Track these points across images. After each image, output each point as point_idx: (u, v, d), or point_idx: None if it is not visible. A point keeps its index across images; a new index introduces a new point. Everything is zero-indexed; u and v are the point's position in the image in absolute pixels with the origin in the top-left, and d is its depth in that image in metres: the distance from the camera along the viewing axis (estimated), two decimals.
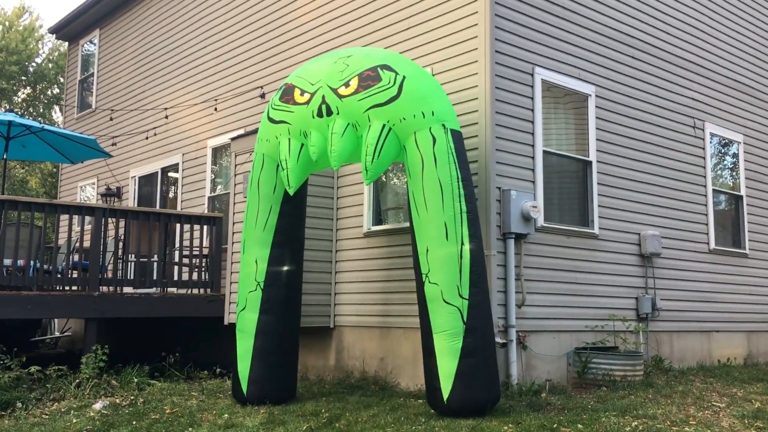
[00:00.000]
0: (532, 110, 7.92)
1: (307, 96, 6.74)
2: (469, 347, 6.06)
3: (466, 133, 7.32)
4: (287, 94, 6.92)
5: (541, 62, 8.11)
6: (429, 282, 6.24)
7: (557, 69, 8.29)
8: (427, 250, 6.27)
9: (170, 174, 13.07)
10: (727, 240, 10.58)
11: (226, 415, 6.55)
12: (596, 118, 8.67)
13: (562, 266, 8.05)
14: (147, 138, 13.30)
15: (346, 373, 8.54)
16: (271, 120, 7.04)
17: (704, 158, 10.24)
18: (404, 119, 6.39)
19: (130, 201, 13.87)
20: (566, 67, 8.41)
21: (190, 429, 6.14)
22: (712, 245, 10.15)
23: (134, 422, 6.40)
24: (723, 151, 10.91)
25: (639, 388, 7.49)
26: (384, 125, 6.41)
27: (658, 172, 9.47)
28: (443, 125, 6.45)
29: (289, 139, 6.87)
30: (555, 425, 5.69)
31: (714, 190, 10.36)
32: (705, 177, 10.22)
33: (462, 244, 6.18)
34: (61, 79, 31.02)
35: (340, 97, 6.54)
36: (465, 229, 6.23)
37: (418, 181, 6.36)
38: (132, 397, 7.44)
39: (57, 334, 14.49)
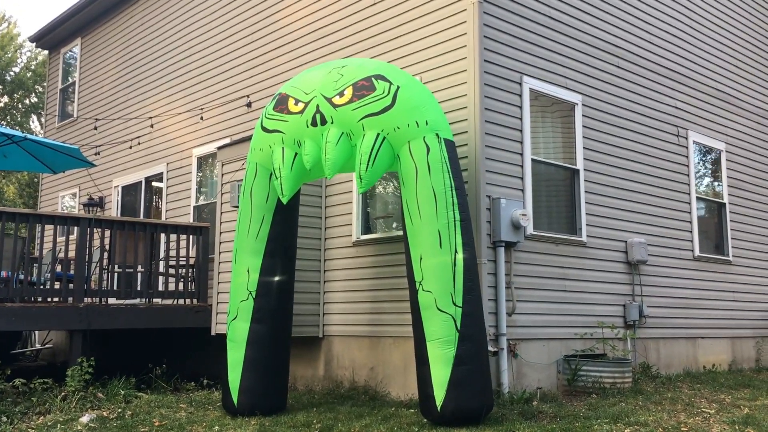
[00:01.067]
0: (521, 119, 7.97)
1: (301, 105, 6.76)
2: (462, 355, 6.07)
3: (456, 143, 7.34)
4: (281, 104, 6.93)
5: (529, 71, 8.17)
6: (423, 290, 6.24)
7: (545, 78, 8.35)
8: (421, 258, 6.28)
9: (154, 183, 12.97)
10: (710, 247, 10.70)
11: (217, 427, 6.48)
12: (583, 126, 8.74)
13: (551, 274, 8.09)
14: (131, 147, 13.19)
15: (336, 383, 8.49)
16: (264, 129, 7.04)
17: (688, 166, 10.36)
18: (398, 128, 6.42)
19: (113, 211, 13.73)
20: (553, 76, 8.47)
21: None
22: (697, 252, 10.26)
23: None
24: (706, 159, 11.05)
25: (629, 395, 7.53)
26: (378, 134, 6.43)
27: (643, 180, 9.56)
28: (437, 134, 6.49)
29: (283, 148, 6.87)
30: None
31: (698, 197, 10.49)
32: (689, 185, 10.34)
33: (456, 252, 6.20)
34: (39, 88, 30.70)
35: (335, 106, 6.56)
36: (459, 237, 6.25)
37: (412, 189, 6.38)
38: (119, 410, 7.34)
39: (38, 346, 14.27)
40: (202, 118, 11.37)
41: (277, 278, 7.18)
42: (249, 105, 10.55)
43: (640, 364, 8.93)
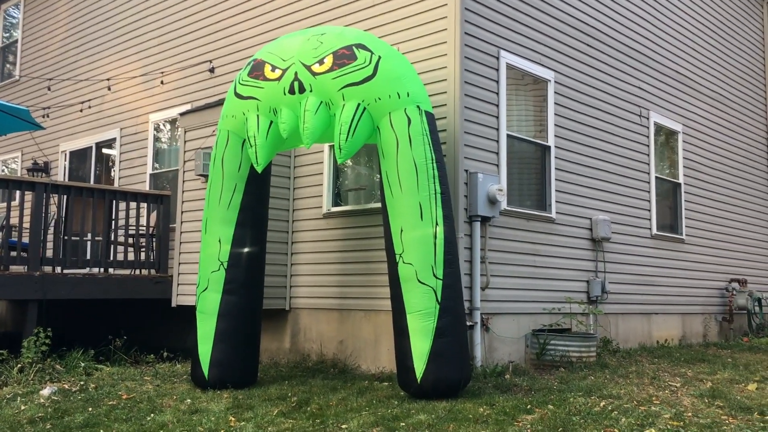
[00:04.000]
0: (497, 93, 7.94)
1: (278, 72, 6.57)
2: (443, 327, 6.08)
3: (434, 115, 7.28)
4: (257, 70, 6.72)
5: (506, 46, 8.13)
6: (403, 262, 6.20)
7: (520, 53, 8.33)
8: (402, 231, 6.24)
9: (105, 149, 12.48)
10: (666, 226, 10.98)
11: (189, 400, 6.32)
12: (555, 103, 8.78)
13: (522, 249, 8.14)
14: (81, 111, 12.62)
15: (303, 356, 8.40)
16: (238, 96, 6.83)
17: (649, 146, 10.57)
18: (379, 99, 6.34)
19: (59, 177, 13.16)
20: (529, 52, 8.46)
21: (152, 415, 5.88)
22: (654, 231, 10.50)
23: (90, 409, 6.09)
24: (665, 139, 11.29)
25: (595, 369, 7.69)
26: (359, 104, 6.35)
27: (607, 159, 9.71)
28: (418, 107, 6.45)
29: (258, 115, 6.69)
30: (529, 406, 5.76)
31: (657, 177, 10.71)
32: (649, 164, 10.55)
33: (436, 224, 6.19)
34: None
35: (314, 74, 6.41)
36: (439, 209, 6.24)
37: (393, 161, 6.32)
38: (81, 383, 7.09)
39: None
40: (162, 82, 10.94)
41: (249, 248, 7.02)
42: (212, 71, 10.21)
43: (601, 339, 9.12)
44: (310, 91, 6.46)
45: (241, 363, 6.94)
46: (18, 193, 8.25)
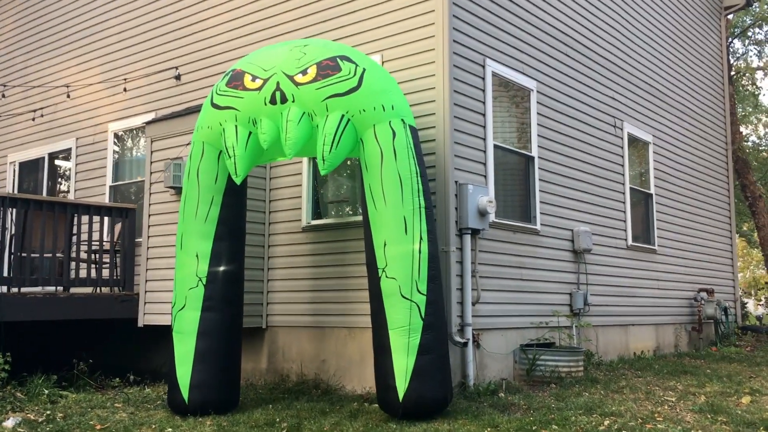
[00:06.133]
0: (484, 103, 7.74)
1: (259, 82, 6.31)
2: (426, 344, 5.90)
3: (422, 125, 7.08)
4: (236, 80, 6.45)
5: (492, 54, 7.95)
6: (386, 277, 6.00)
7: (505, 62, 8.17)
8: (385, 244, 6.05)
9: (59, 161, 11.84)
10: (639, 236, 10.96)
11: (169, 429, 5.89)
12: (537, 113, 8.64)
13: (509, 262, 7.95)
14: (33, 119, 11.94)
15: (281, 377, 8.00)
16: (215, 106, 6.53)
17: (623, 157, 10.54)
18: (364, 111, 6.17)
19: (8, 189, 12.42)
20: (512, 61, 8.31)
21: None
22: (630, 242, 10.46)
23: None
24: (637, 150, 11.29)
25: (586, 384, 7.53)
26: (343, 116, 6.18)
27: (586, 169, 9.62)
28: (402, 120, 6.33)
29: (236, 125, 6.40)
30: (534, 427, 5.54)
31: (631, 188, 10.68)
32: (623, 175, 10.52)
33: (420, 239, 6.02)
34: None
35: (297, 84, 6.20)
36: (424, 224, 6.09)
37: (377, 174, 6.13)
38: (47, 412, 6.56)
39: None
40: (125, 89, 10.40)
41: (228, 262, 6.70)
42: (178, 78, 9.75)
43: (584, 352, 8.97)
44: (293, 101, 6.23)
45: (223, 385, 6.53)
46: None
